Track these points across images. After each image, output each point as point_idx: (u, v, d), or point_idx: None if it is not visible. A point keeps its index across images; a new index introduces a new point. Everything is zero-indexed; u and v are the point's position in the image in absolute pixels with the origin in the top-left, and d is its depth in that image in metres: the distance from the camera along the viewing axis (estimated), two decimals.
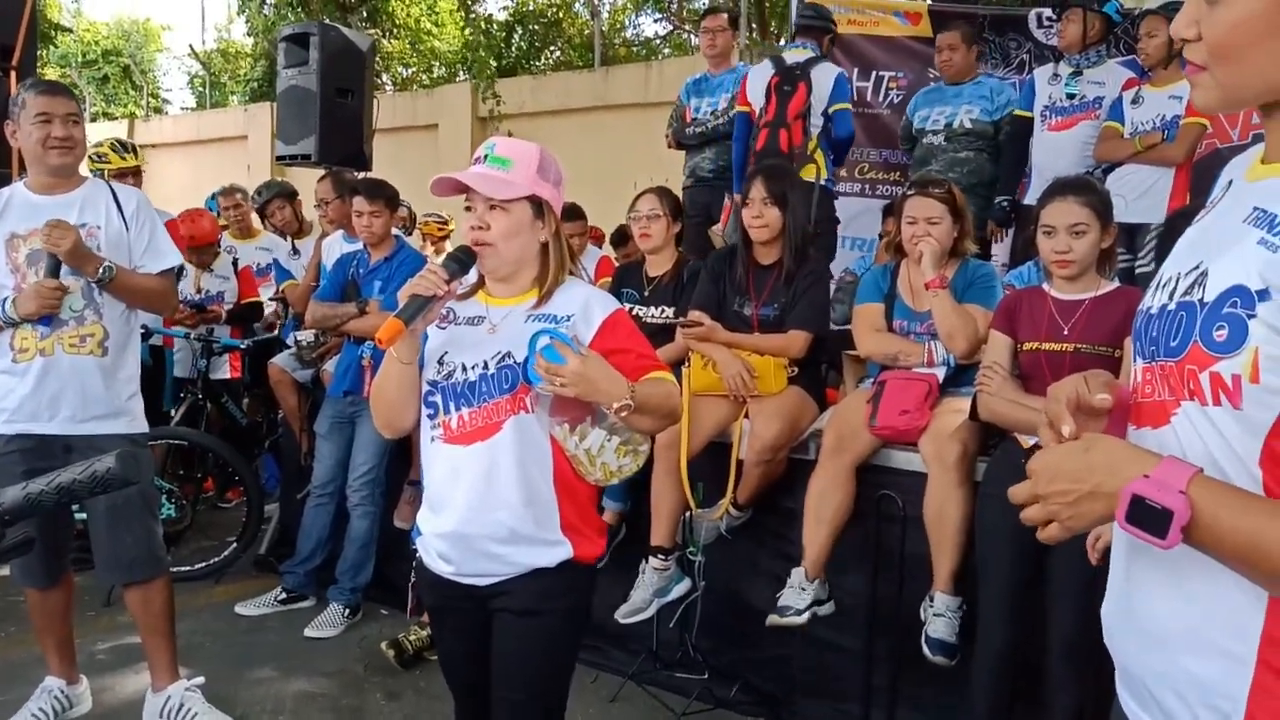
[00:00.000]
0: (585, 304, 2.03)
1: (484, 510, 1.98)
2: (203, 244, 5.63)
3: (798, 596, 3.15)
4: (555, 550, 2.02)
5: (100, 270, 2.98)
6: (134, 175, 5.28)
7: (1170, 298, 1.15)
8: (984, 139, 5.00)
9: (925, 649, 2.96)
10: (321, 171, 5.67)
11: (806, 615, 3.13)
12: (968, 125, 5.02)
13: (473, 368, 2.00)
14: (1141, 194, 4.45)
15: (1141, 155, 4.48)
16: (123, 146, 5.44)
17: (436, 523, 2.06)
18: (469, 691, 2.17)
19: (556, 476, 2.02)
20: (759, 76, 5.01)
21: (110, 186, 3.18)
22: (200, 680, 3.37)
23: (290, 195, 6.53)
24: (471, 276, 2.09)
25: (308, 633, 4.19)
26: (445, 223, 8.15)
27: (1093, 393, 1.21)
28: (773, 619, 3.14)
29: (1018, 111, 5.03)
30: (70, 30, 23.52)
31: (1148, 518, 0.99)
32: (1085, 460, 1.06)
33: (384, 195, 4.41)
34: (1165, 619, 1.11)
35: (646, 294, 4.00)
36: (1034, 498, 1.09)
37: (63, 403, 3.00)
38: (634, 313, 3.77)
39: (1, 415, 3.01)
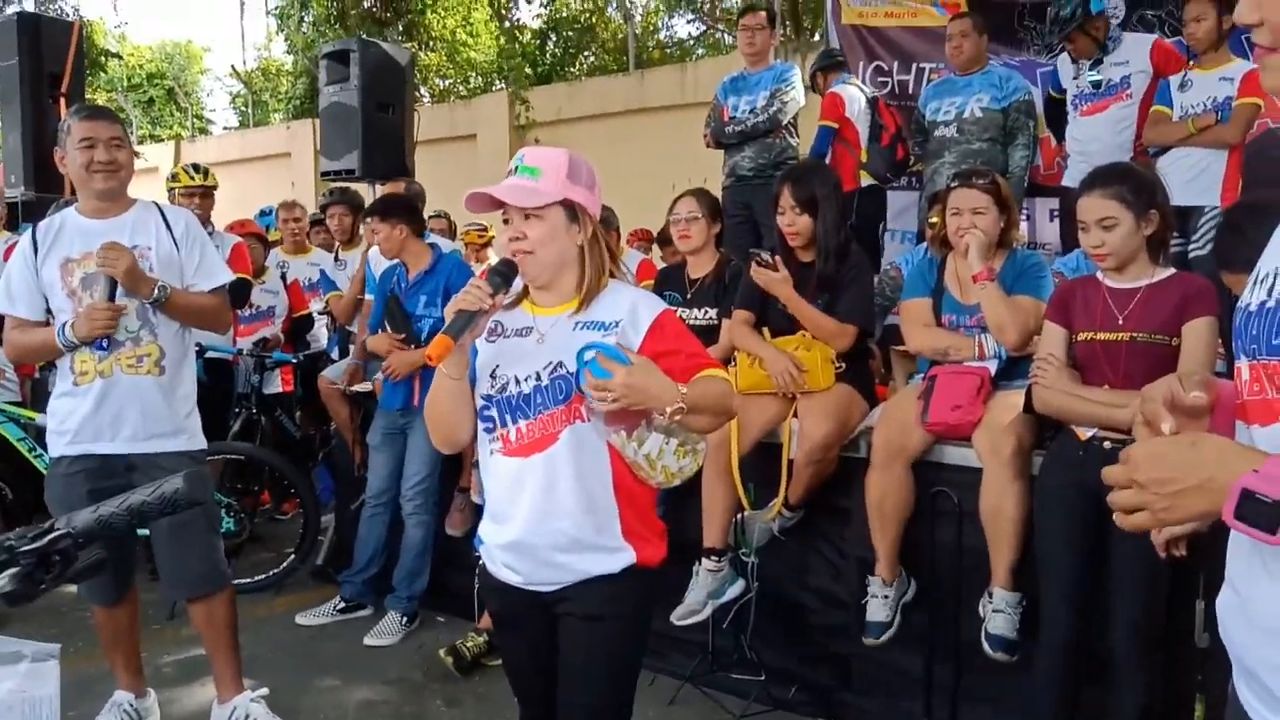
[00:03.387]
0: (632, 308, 2.03)
1: (545, 520, 1.99)
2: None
3: (882, 608, 3.17)
4: (618, 556, 2.03)
5: (155, 291, 3.02)
6: (204, 195, 5.39)
7: (1269, 294, 1.13)
8: (994, 128, 4.96)
9: (985, 645, 2.93)
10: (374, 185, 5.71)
11: (896, 620, 3.16)
12: (978, 114, 4.97)
13: (526, 379, 2.01)
14: (1194, 177, 4.37)
15: (1195, 138, 4.41)
16: (194, 168, 5.58)
17: (499, 534, 2.08)
18: (534, 697, 2.18)
19: (616, 483, 2.02)
20: (854, 97, 5.49)
21: (159, 208, 3.23)
22: (265, 691, 3.42)
23: (356, 207, 6.35)
24: (517, 286, 2.10)
25: (367, 641, 4.24)
26: (485, 229, 8.21)
27: (1187, 391, 1.19)
28: (869, 641, 3.17)
29: (1051, 93, 5.09)
30: (119, 56, 24.03)
31: (1257, 513, 0.97)
32: (1195, 454, 1.03)
33: (383, 209, 4.43)
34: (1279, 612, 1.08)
35: (689, 296, 4.00)
36: (1129, 483, 1.06)
37: (124, 422, 3.06)
38: (677, 315, 3.77)
39: (65, 437, 3.08)
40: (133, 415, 3.06)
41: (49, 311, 3.07)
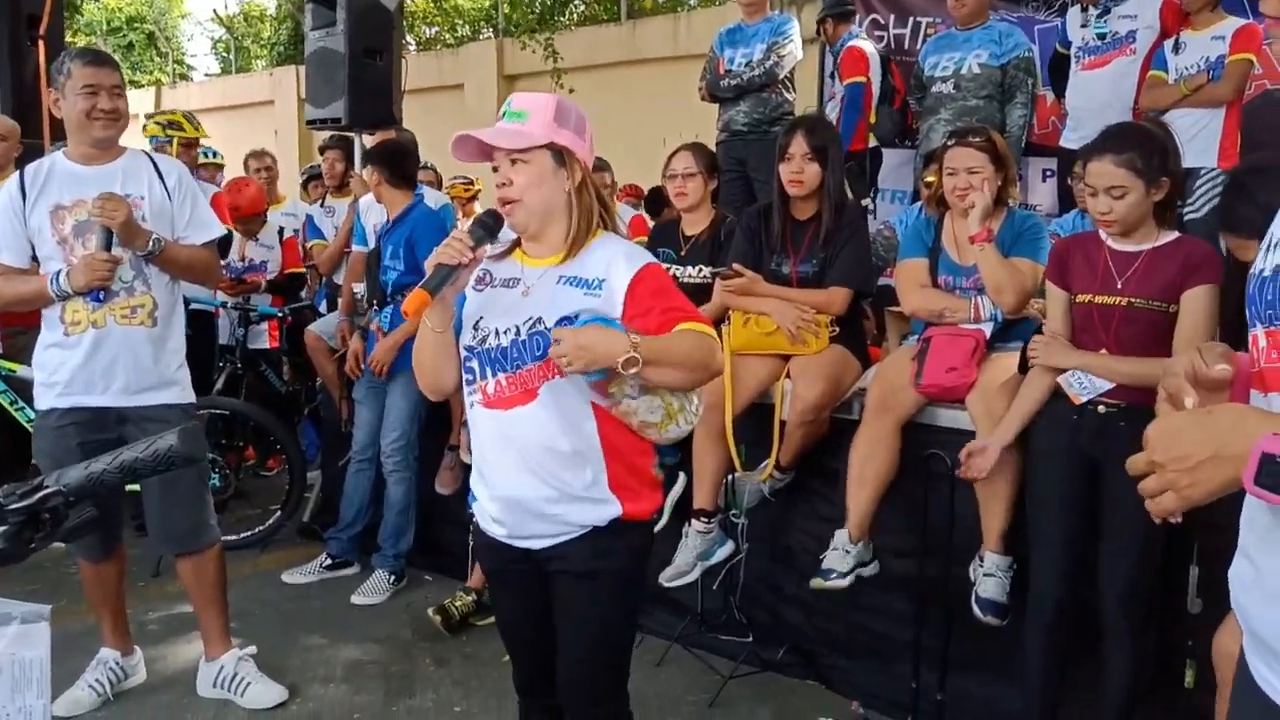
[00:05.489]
0: (615, 263, 2.00)
1: (530, 473, 1.99)
2: (249, 214, 5.64)
3: (841, 559, 3.12)
4: (605, 508, 2.02)
5: (150, 243, 2.99)
6: (195, 146, 5.44)
7: None
8: (991, 84, 4.90)
9: (976, 609, 2.92)
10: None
11: (850, 578, 3.11)
12: (975, 70, 4.91)
13: (505, 332, 2.00)
14: (1191, 138, 4.30)
15: (1189, 99, 4.36)
16: (189, 119, 5.55)
17: (487, 488, 2.08)
18: (530, 653, 2.18)
19: (601, 435, 2.01)
20: (873, 55, 5.43)
21: (151, 157, 3.17)
22: (253, 649, 3.42)
23: (350, 154, 6.25)
24: (509, 235, 2.08)
25: (354, 600, 4.23)
26: (471, 182, 8.10)
27: (1210, 365, 1.15)
28: (816, 582, 3.11)
29: (1059, 48, 5.01)
30: None
31: (1278, 477, 0.93)
32: (1209, 423, 1.00)
33: (365, 153, 4.51)
34: None
35: (683, 253, 3.94)
36: (1151, 467, 1.03)
37: (116, 374, 3.02)
38: (671, 272, 3.71)
39: (55, 389, 3.04)
40: (125, 367, 3.03)
41: (34, 259, 3.02)
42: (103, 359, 3.01)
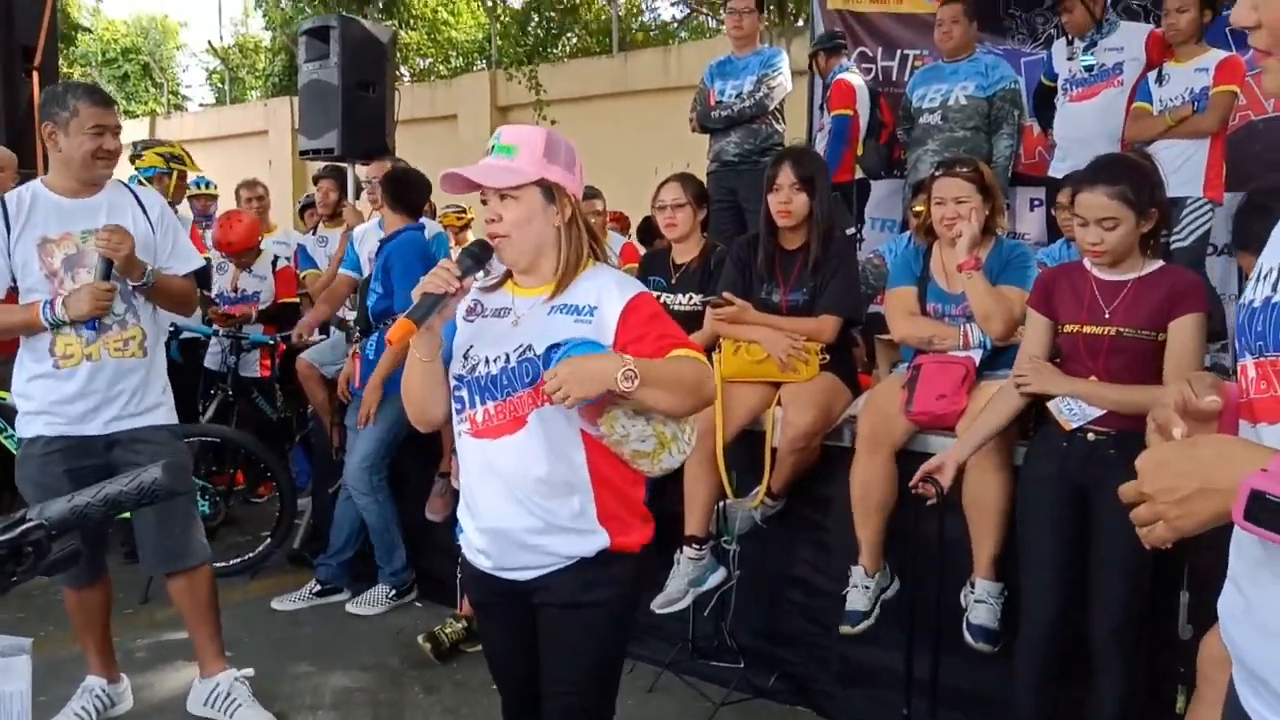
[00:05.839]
0: (607, 292, 1.98)
1: (517, 503, 1.97)
2: (241, 249, 5.66)
3: (862, 597, 3.15)
4: (591, 539, 1.99)
5: (145, 275, 3.04)
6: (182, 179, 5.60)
7: (1275, 289, 1.10)
8: (978, 115, 4.96)
9: (967, 635, 2.93)
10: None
11: (875, 614, 3.14)
12: (962, 101, 4.97)
13: (494, 361, 1.98)
14: (1177, 168, 4.37)
15: (1174, 130, 4.41)
16: (187, 154, 5.68)
17: (473, 519, 2.06)
18: (517, 687, 2.15)
19: (590, 465, 1.98)
20: (861, 88, 5.47)
21: (132, 190, 3.22)
22: (249, 672, 3.41)
23: (343, 184, 6.33)
24: (500, 267, 2.07)
25: (349, 608, 4.34)
26: (464, 211, 8.14)
27: (1200, 396, 1.16)
28: (845, 629, 3.14)
29: (1044, 80, 5.09)
30: (90, 30, 23.64)
31: (1268, 513, 0.94)
32: (1193, 455, 1.02)
33: (382, 177, 4.64)
34: None
35: (673, 281, 3.97)
36: (1141, 496, 1.05)
37: (111, 405, 3.07)
38: (661, 300, 3.74)
39: (42, 418, 3.05)
40: (120, 398, 3.08)
41: (13, 289, 3.03)
42: (97, 392, 3.05)
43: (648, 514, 2.12)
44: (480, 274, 2.01)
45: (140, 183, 5.47)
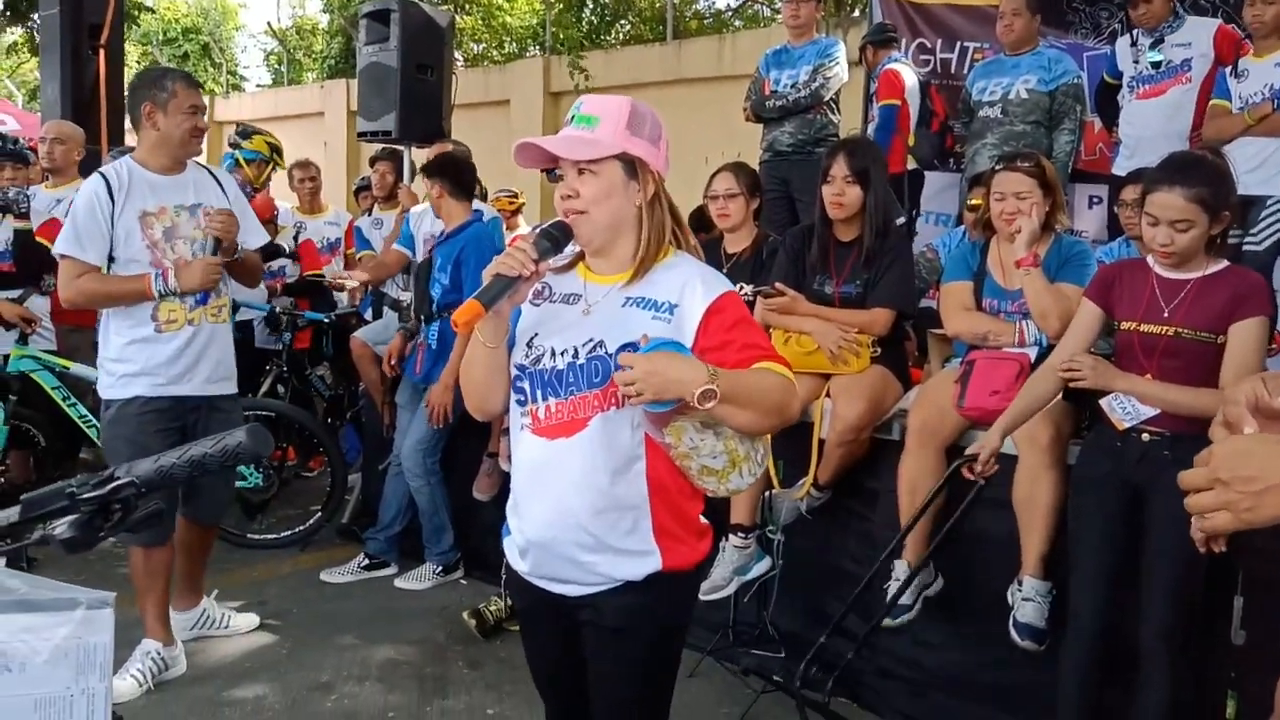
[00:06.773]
0: (689, 287, 1.80)
1: (568, 514, 1.81)
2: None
3: (906, 592, 3.13)
4: (642, 562, 1.83)
5: (238, 250, 3.39)
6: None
7: None
8: (1039, 110, 4.88)
9: (1013, 633, 2.91)
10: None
11: (918, 606, 3.15)
12: (1024, 95, 4.89)
13: (562, 354, 1.82)
14: (1256, 166, 4.21)
15: (1254, 129, 4.29)
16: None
17: (521, 523, 1.91)
18: (559, 695, 2.05)
19: (650, 476, 1.82)
20: (909, 77, 5.41)
21: (209, 170, 3.49)
22: (215, 592, 3.87)
23: (400, 166, 6.33)
24: (572, 248, 1.90)
25: (397, 584, 4.44)
26: (515, 196, 8.18)
27: (1273, 395, 1.15)
28: (889, 623, 3.14)
29: (1106, 77, 4.99)
30: (153, 10, 24.05)
31: None
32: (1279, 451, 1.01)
33: (425, 165, 4.63)
34: None
35: (725, 271, 3.95)
36: (1211, 483, 1.03)
37: (202, 367, 3.35)
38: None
39: (142, 379, 3.29)
40: (210, 360, 3.39)
41: (110, 259, 3.26)
42: (194, 353, 3.34)
43: (705, 527, 1.95)
44: (555, 257, 1.85)
45: (238, 162, 5.69)
